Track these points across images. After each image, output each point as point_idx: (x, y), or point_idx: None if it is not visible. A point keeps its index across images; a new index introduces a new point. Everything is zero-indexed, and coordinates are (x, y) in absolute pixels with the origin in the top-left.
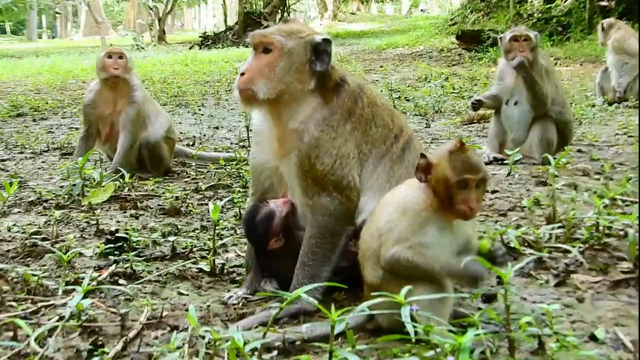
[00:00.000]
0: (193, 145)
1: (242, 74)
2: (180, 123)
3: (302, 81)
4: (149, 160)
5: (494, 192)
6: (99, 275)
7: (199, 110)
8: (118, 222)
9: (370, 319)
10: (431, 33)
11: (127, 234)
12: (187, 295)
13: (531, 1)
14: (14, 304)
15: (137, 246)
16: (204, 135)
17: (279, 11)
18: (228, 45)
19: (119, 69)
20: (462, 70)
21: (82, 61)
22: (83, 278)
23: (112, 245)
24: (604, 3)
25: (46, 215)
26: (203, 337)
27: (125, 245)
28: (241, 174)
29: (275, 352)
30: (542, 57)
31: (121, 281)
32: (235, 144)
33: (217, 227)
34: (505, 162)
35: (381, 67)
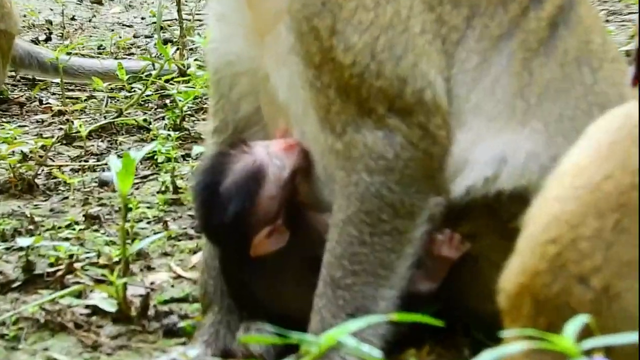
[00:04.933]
0: (49, 40)
1: None
2: None
3: None
4: None
5: None
6: None
7: None
8: None
9: None
10: None
11: None
12: None
13: None
14: None
15: None
16: (74, 19)
17: None
18: None
19: None
20: None
21: None
22: None
23: None
24: None
25: None
26: None
27: None
28: (172, 100)
29: None
30: None
31: None
32: (147, 35)
33: (128, 215)
34: None
35: None
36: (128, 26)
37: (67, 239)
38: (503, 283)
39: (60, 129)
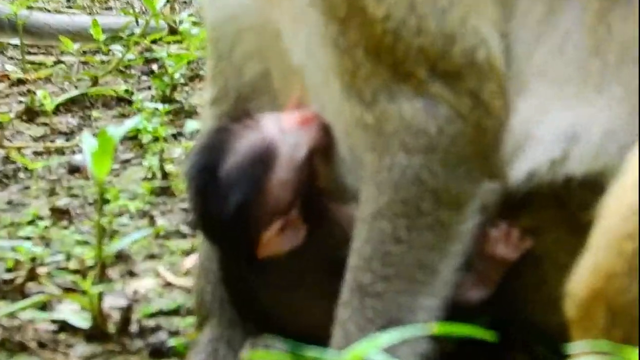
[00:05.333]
0: None
1: None
2: None
3: None
4: None
5: None
6: None
7: None
8: None
9: None
10: None
11: None
12: None
13: None
14: None
15: None
16: None
17: None
18: None
19: None
20: None
21: None
22: None
23: None
24: None
25: None
26: None
27: None
28: (160, 65)
29: None
30: None
31: None
32: None
33: (106, 208)
34: None
35: None
36: None
37: (28, 238)
38: (571, 287)
39: (21, 102)
